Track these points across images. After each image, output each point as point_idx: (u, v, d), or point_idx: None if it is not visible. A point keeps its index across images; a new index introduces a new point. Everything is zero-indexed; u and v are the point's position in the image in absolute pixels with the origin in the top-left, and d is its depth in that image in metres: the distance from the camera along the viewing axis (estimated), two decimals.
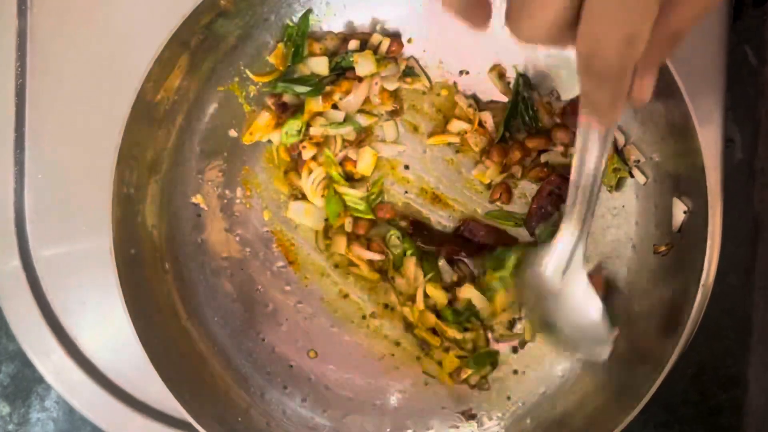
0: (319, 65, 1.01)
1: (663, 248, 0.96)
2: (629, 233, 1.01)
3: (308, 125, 1.01)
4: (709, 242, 0.87)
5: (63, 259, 1.08)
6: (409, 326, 1.03)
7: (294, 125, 1.01)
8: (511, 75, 1.02)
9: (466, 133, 1.01)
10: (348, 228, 1.03)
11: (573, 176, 0.78)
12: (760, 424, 1.07)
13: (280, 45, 1.01)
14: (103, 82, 1.08)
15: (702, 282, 0.86)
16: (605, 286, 0.99)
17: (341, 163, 1.03)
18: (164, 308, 0.99)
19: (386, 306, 1.04)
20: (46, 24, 1.09)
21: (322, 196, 1.02)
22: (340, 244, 1.03)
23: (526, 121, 1.01)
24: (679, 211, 0.93)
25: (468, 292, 1.01)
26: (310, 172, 1.02)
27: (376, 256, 1.02)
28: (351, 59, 1.00)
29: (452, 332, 1.01)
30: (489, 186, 1.02)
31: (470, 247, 1.02)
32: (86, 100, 1.08)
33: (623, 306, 0.99)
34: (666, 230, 0.95)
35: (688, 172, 0.91)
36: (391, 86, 1.01)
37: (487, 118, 1.01)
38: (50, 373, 1.07)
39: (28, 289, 1.07)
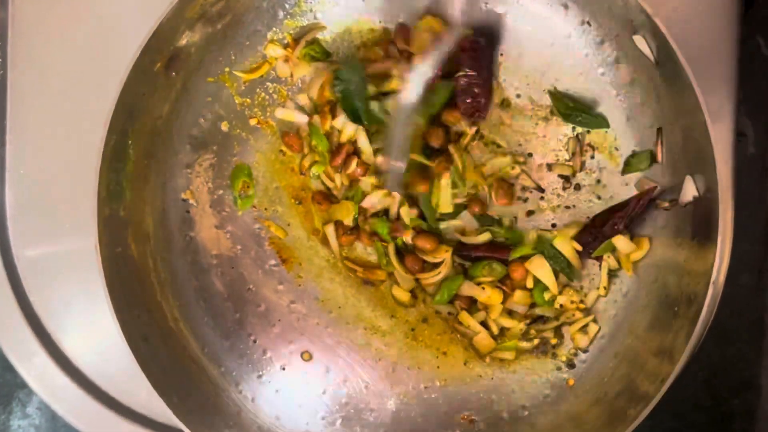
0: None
1: (666, 204, 0.92)
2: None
3: None
4: (720, 238, 0.83)
5: (46, 258, 1.05)
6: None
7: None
8: None
9: None
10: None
11: None
12: None
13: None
14: (88, 75, 1.05)
15: (712, 280, 0.83)
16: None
17: None
18: (152, 309, 0.95)
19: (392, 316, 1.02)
20: (29, 14, 1.06)
21: None
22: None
23: None
24: (690, 189, 0.89)
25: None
26: None
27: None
28: None
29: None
30: None
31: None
32: (70, 93, 1.05)
33: (629, 306, 0.96)
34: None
35: (698, 166, 0.87)
36: None
37: None
38: (33, 377, 1.04)
39: (9, 289, 1.04)
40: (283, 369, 1.00)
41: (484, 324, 0.99)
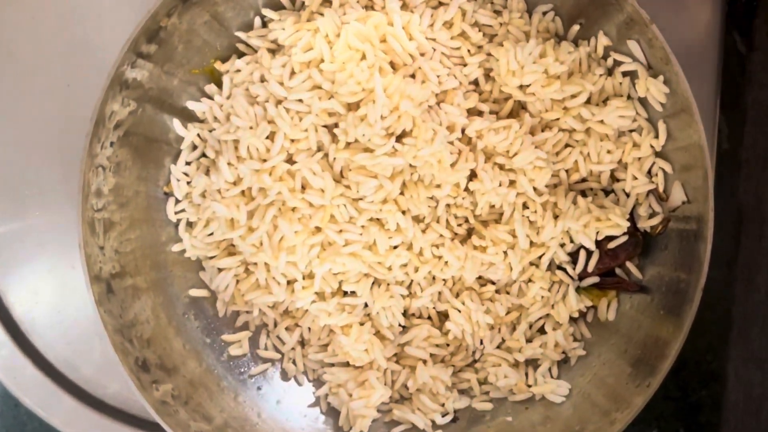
0: None
1: (660, 227, 0.92)
2: None
3: None
4: (708, 246, 0.85)
5: (14, 247, 1.02)
6: None
7: None
8: None
9: None
10: None
11: None
12: (738, 420, 1.06)
13: None
14: (60, 57, 1.01)
15: (701, 286, 0.85)
16: None
17: None
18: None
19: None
20: None
21: None
22: None
23: None
24: (679, 195, 0.90)
25: None
26: None
27: None
28: None
29: None
30: None
31: None
32: (42, 76, 1.01)
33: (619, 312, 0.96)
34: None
35: (688, 173, 0.88)
36: None
37: None
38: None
39: None
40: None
41: None
